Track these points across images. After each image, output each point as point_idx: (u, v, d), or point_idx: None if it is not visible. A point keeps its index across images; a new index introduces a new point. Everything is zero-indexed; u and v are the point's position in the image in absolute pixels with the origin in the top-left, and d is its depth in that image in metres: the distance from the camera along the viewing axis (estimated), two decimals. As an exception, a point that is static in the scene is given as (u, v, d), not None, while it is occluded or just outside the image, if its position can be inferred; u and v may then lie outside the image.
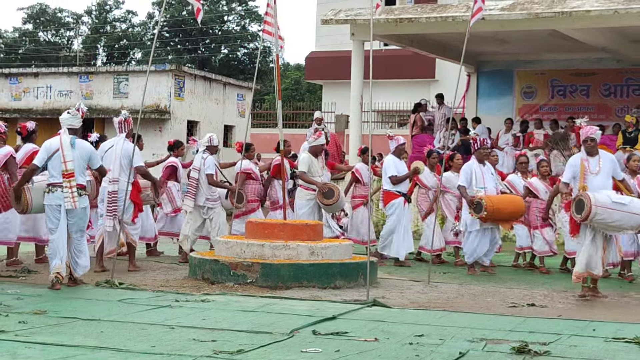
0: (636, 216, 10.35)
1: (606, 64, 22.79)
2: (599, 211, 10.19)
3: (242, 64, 58.88)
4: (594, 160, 10.70)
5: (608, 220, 10.29)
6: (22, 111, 26.33)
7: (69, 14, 62.83)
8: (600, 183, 10.54)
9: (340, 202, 13.89)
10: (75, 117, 10.41)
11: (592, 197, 10.20)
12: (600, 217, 10.24)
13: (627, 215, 10.30)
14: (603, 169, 10.62)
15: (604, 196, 10.31)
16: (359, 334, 7.67)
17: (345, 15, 20.54)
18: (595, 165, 10.64)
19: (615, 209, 10.25)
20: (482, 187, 12.60)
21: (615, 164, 10.83)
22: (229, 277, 10.80)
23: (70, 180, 10.11)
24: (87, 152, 10.37)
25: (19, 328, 7.53)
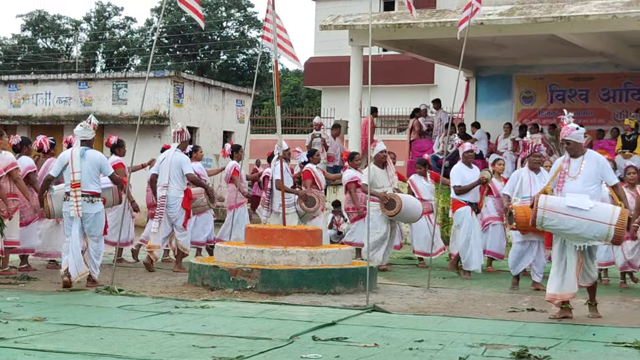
0: (598, 225, 9.02)
1: (605, 69, 22.81)
2: (547, 215, 9.15)
3: (241, 70, 58.89)
4: (576, 162, 9.50)
5: (560, 226, 9.16)
6: (21, 118, 26.34)
7: (67, 21, 62.86)
8: (577, 187, 9.30)
9: (404, 212, 13.25)
10: (87, 129, 11.16)
11: (541, 200, 9.25)
12: (550, 222, 9.19)
13: (586, 223, 9.02)
14: (584, 172, 9.38)
15: (558, 200, 9.23)
16: (358, 339, 7.67)
17: (344, 20, 20.56)
18: (576, 168, 9.45)
19: (569, 215, 9.06)
20: (526, 196, 11.47)
21: (603, 168, 9.44)
22: (229, 283, 10.80)
23: (75, 190, 10.82)
24: (97, 162, 11.06)
25: (19, 335, 7.53)
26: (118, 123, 24.85)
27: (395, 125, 32.31)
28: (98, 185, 11.09)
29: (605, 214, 9.06)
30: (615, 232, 9.03)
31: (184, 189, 12.94)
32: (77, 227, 10.89)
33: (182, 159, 12.96)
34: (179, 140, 13.06)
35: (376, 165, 13.55)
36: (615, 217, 9.02)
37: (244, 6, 60.02)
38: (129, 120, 24.40)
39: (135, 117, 22.05)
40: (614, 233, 9.03)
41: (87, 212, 10.95)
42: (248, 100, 27.66)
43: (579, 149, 9.48)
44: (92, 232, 11.06)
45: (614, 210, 9.11)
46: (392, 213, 13.24)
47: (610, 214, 9.05)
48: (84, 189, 10.91)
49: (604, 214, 9.06)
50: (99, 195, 11.08)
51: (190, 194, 13.14)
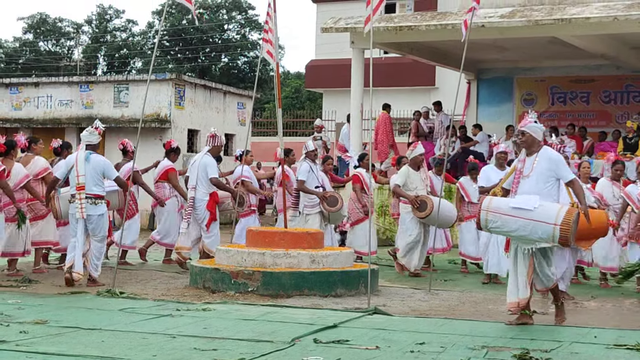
0: (543, 225, 8.59)
1: (606, 71, 22.81)
2: (491, 217, 8.79)
3: (243, 72, 58.96)
4: (530, 160, 9.06)
5: (505, 228, 8.81)
6: (22, 121, 26.34)
7: (69, 24, 62.98)
8: (530, 187, 8.89)
9: (435, 214, 13.01)
10: (92, 134, 11.50)
11: (485, 201, 8.91)
12: (494, 225, 8.83)
13: (530, 224, 8.60)
14: (536, 170, 8.93)
15: (503, 201, 8.91)
16: (360, 342, 7.67)
17: (345, 23, 20.57)
18: (529, 167, 9.00)
19: (513, 216, 8.67)
20: None
21: (557, 164, 8.95)
22: (230, 285, 10.80)
23: (80, 193, 11.23)
24: (101, 166, 11.39)
25: (20, 338, 7.53)
26: (119, 126, 24.84)
27: (397, 127, 32.31)
28: (101, 188, 11.45)
29: (550, 213, 8.62)
30: (561, 233, 8.57)
31: (210, 192, 13.20)
32: (81, 228, 11.29)
33: (208, 162, 13.23)
34: (211, 144, 13.38)
35: (411, 168, 13.56)
36: (561, 216, 8.59)
37: (245, 9, 60.09)
38: (130, 123, 24.40)
39: (137, 119, 22.08)
40: (560, 233, 8.57)
41: (91, 214, 11.31)
42: (249, 102, 27.66)
43: (534, 144, 9.03)
44: (96, 232, 11.42)
45: (560, 209, 8.67)
46: (423, 215, 13.21)
47: (556, 213, 8.61)
48: (88, 192, 11.28)
49: (549, 213, 8.62)
50: (102, 197, 11.43)
51: (216, 197, 13.35)
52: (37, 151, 13.04)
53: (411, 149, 13.80)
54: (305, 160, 13.99)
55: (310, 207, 13.79)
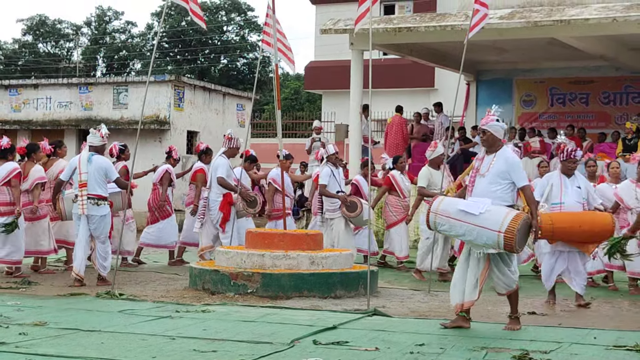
0: (487, 232, 8.28)
1: (605, 72, 22.83)
2: (439, 220, 8.58)
3: (242, 74, 58.94)
4: (488, 159, 8.74)
5: (453, 232, 8.64)
6: (22, 122, 26.35)
7: (68, 25, 62.95)
8: (484, 187, 8.60)
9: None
10: (94, 136, 11.85)
11: (435, 202, 8.71)
12: (443, 228, 8.63)
13: (476, 230, 8.34)
14: (492, 170, 8.60)
15: (452, 202, 8.65)
16: (359, 343, 7.67)
17: (344, 24, 20.58)
18: (486, 166, 8.70)
19: (460, 220, 8.43)
20: (557, 202, 10.77)
21: (511, 166, 8.60)
22: (230, 287, 10.80)
23: (82, 190, 11.51)
24: (102, 167, 11.63)
25: (20, 339, 7.53)
26: (119, 127, 24.84)
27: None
28: (104, 189, 11.68)
29: (495, 220, 8.29)
30: (505, 241, 8.23)
31: (223, 193, 13.40)
32: (84, 228, 11.58)
33: (220, 163, 13.45)
34: (227, 146, 13.60)
35: (432, 167, 13.45)
36: (506, 223, 8.23)
37: (244, 10, 60.10)
38: (130, 125, 24.41)
39: (136, 121, 22.07)
40: (504, 241, 8.23)
41: (93, 214, 11.57)
42: (248, 104, 27.67)
43: (495, 143, 8.71)
44: (98, 233, 11.67)
45: (506, 216, 8.30)
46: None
47: (501, 220, 8.26)
48: (90, 192, 11.54)
49: (494, 220, 8.29)
50: (105, 198, 11.68)
51: (229, 198, 13.47)
52: (62, 154, 13.48)
53: (431, 149, 13.60)
54: (326, 165, 14.00)
55: (331, 212, 13.84)
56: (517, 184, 8.62)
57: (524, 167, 13.36)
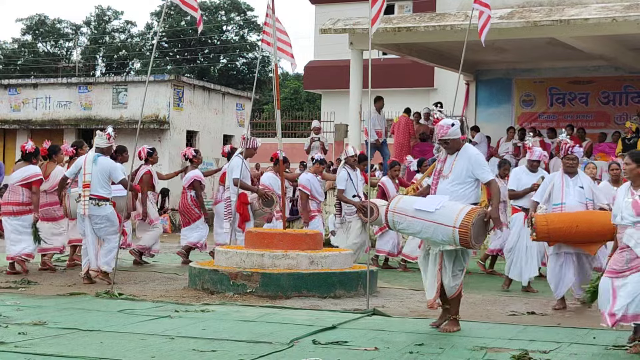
0: (443, 228, 8.23)
1: (605, 72, 22.82)
2: (397, 218, 8.53)
3: (241, 73, 58.94)
4: (450, 159, 8.66)
5: (410, 230, 8.60)
6: (21, 122, 26.36)
7: (67, 25, 62.93)
8: (446, 188, 8.54)
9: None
10: (101, 138, 12.04)
11: (393, 201, 8.65)
12: (401, 226, 8.58)
13: (432, 226, 8.28)
14: (454, 170, 8.54)
15: (409, 201, 8.57)
16: (359, 343, 7.67)
17: (343, 24, 20.57)
18: (448, 166, 8.62)
19: (416, 218, 8.38)
20: (558, 203, 10.41)
21: (474, 164, 8.53)
22: (229, 287, 10.80)
23: (85, 190, 11.73)
24: (107, 169, 11.81)
25: (19, 339, 7.52)
26: (118, 127, 24.79)
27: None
28: (107, 190, 11.87)
29: (450, 215, 8.24)
30: (460, 236, 8.18)
31: (237, 193, 13.44)
32: (89, 227, 11.80)
33: (233, 164, 13.53)
34: (244, 146, 13.69)
35: None
36: (460, 219, 8.18)
37: (244, 10, 60.10)
38: (129, 124, 24.42)
39: (135, 121, 22.08)
40: (459, 236, 8.19)
41: (95, 214, 11.78)
42: (248, 103, 27.68)
43: (457, 145, 8.64)
44: (101, 233, 11.86)
45: (460, 211, 8.25)
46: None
47: (455, 215, 8.21)
48: (93, 193, 11.74)
49: (449, 216, 8.24)
50: (107, 199, 11.86)
51: (244, 198, 13.56)
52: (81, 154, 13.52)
53: None
54: (344, 167, 13.91)
55: (350, 215, 13.84)
56: (483, 180, 8.56)
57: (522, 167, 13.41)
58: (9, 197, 12.83)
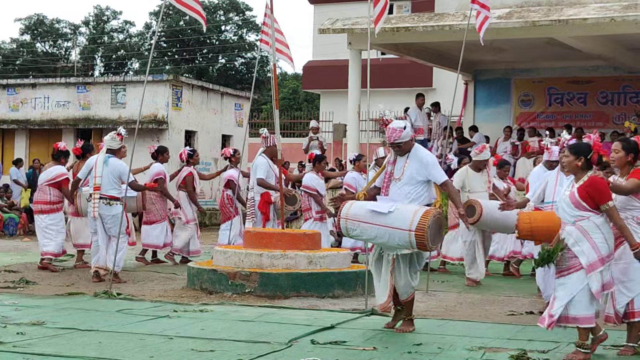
0: (398, 232, 8.02)
1: (603, 72, 22.84)
2: (350, 225, 8.29)
3: (240, 73, 58.92)
4: (401, 162, 8.46)
5: (365, 236, 8.32)
6: (19, 122, 26.33)
7: (66, 25, 62.88)
8: (399, 190, 8.35)
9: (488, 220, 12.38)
10: (113, 139, 12.35)
11: (345, 207, 8.39)
12: (354, 233, 8.33)
13: (387, 231, 8.08)
14: (406, 173, 8.34)
15: (362, 206, 8.35)
16: (357, 343, 7.67)
17: (342, 24, 20.58)
18: (400, 169, 8.42)
19: (370, 223, 8.16)
20: (549, 201, 10.13)
21: (427, 165, 8.34)
22: (227, 286, 10.79)
23: (95, 193, 12.02)
24: (117, 169, 12.10)
25: (17, 339, 7.52)
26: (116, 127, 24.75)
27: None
28: (117, 190, 12.14)
29: (405, 218, 8.02)
30: (417, 239, 7.96)
31: (261, 192, 13.53)
32: (100, 226, 12.07)
33: (258, 163, 13.53)
34: (264, 145, 13.67)
35: (472, 169, 13.13)
36: (416, 221, 7.95)
37: (243, 10, 60.09)
38: (128, 124, 24.34)
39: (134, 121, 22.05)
40: (415, 240, 7.96)
41: (105, 214, 12.06)
42: (246, 103, 27.65)
43: (408, 147, 8.44)
44: (112, 232, 12.08)
45: (415, 213, 8.03)
46: (471, 221, 12.25)
47: (410, 218, 8.00)
48: (103, 193, 12.06)
49: (404, 219, 8.02)
50: (117, 199, 12.12)
51: (267, 197, 13.58)
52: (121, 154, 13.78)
53: (477, 151, 13.19)
54: (374, 168, 13.64)
55: None
56: (437, 181, 8.37)
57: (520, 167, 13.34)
58: (38, 196, 13.41)
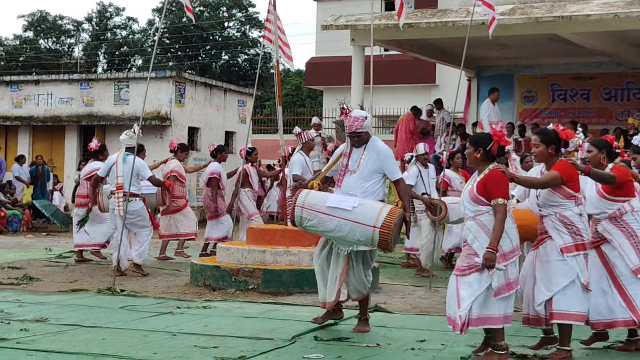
0: (362, 227, 7.77)
1: (606, 68, 22.79)
2: (306, 214, 7.99)
3: (243, 70, 58.91)
4: (357, 153, 8.20)
5: (321, 228, 7.99)
6: (23, 118, 26.34)
7: (69, 21, 62.87)
8: (354, 183, 8.09)
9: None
10: (131, 138, 12.54)
11: (301, 196, 8.11)
12: (310, 223, 8.02)
13: (349, 225, 7.79)
14: (362, 165, 8.08)
15: (321, 197, 8.08)
16: (360, 339, 7.68)
17: (345, 20, 20.56)
18: (356, 160, 8.14)
19: (330, 215, 7.86)
20: None
21: (384, 160, 8.13)
22: (231, 283, 10.81)
23: (118, 192, 12.41)
24: (135, 167, 12.30)
25: (21, 336, 7.54)
26: (120, 123, 24.83)
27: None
28: (136, 187, 12.55)
29: (370, 215, 7.79)
30: (381, 236, 7.78)
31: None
32: (120, 222, 12.30)
33: (294, 160, 13.38)
34: (300, 141, 13.57)
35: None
36: (382, 218, 7.78)
37: (246, 6, 60.05)
38: (131, 121, 24.35)
39: (137, 117, 22.07)
40: (379, 237, 7.78)
41: (127, 210, 12.26)
42: (250, 100, 27.65)
43: (366, 138, 8.21)
44: (133, 228, 12.62)
45: (380, 210, 7.84)
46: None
47: (376, 215, 7.79)
48: (124, 190, 12.36)
49: (369, 215, 7.79)
50: (136, 195, 12.55)
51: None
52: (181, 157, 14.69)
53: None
54: (414, 164, 13.63)
55: (420, 213, 13.42)
56: (391, 177, 8.18)
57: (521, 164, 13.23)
58: (79, 190, 14.43)
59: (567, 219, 7.08)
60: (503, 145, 7.02)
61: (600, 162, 7.54)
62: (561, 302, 7.02)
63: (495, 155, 7.04)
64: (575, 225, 7.07)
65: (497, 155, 7.06)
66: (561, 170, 7.06)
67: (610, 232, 7.48)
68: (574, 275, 7.04)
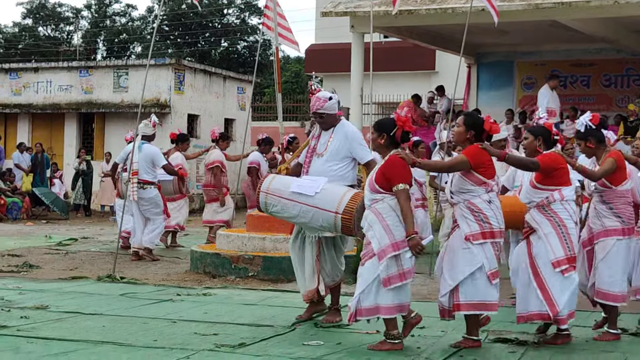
0: (324, 213, 7.55)
1: (606, 54, 22.75)
2: (270, 200, 7.77)
3: (242, 57, 58.80)
4: (325, 136, 7.99)
5: (285, 214, 7.78)
6: (22, 106, 26.32)
7: (68, 9, 62.72)
8: (321, 167, 7.87)
9: None
10: (147, 127, 13.03)
11: (266, 181, 7.90)
12: (274, 209, 7.79)
13: (311, 211, 7.57)
14: (330, 148, 7.86)
15: (286, 181, 7.85)
16: (360, 326, 7.68)
17: (344, 7, 20.51)
18: (324, 144, 7.94)
19: (293, 201, 7.64)
20: (518, 184, 9.42)
21: (352, 142, 7.89)
22: (231, 270, 10.82)
23: (133, 178, 12.76)
24: (150, 155, 12.89)
25: (21, 323, 7.54)
26: (119, 111, 24.83)
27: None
28: (151, 175, 12.98)
29: (332, 200, 7.56)
30: (343, 222, 7.54)
31: None
32: (136, 209, 12.95)
33: None
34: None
35: None
36: (343, 204, 7.54)
37: (245, -7, 59.91)
38: (130, 108, 24.39)
39: (136, 104, 22.06)
40: (341, 223, 7.55)
41: (142, 197, 12.91)
42: (249, 87, 27.64)
43: (333, 120, 7.97)
44: (147, 214, 13.07)
45: (343, 195, 7.60)
46: None
47: (338, 200, 7.56)
48: (139, 178, 12.84)
49: (331, 200, 7.56)
50: (152, 183, 12.98)
51: None
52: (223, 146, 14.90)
53: None
54: (438, 153, 13.31)
55: (444, 202, 12.98)
56: (361, 160, 7.92)
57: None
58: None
59: (474, 206, 6.88)
60: (407, 130, 6.86)
61: (537, 149, 7.30)
62: (467, 292, 6.90)
63: (400, 142, 6.90)
64: (483, 212, 6.88)
65: (401, 141, 6.91)
66: (469, 155, 6.85)
67: (537, 221, 7.22)
68: (479, 264, 6.86)
